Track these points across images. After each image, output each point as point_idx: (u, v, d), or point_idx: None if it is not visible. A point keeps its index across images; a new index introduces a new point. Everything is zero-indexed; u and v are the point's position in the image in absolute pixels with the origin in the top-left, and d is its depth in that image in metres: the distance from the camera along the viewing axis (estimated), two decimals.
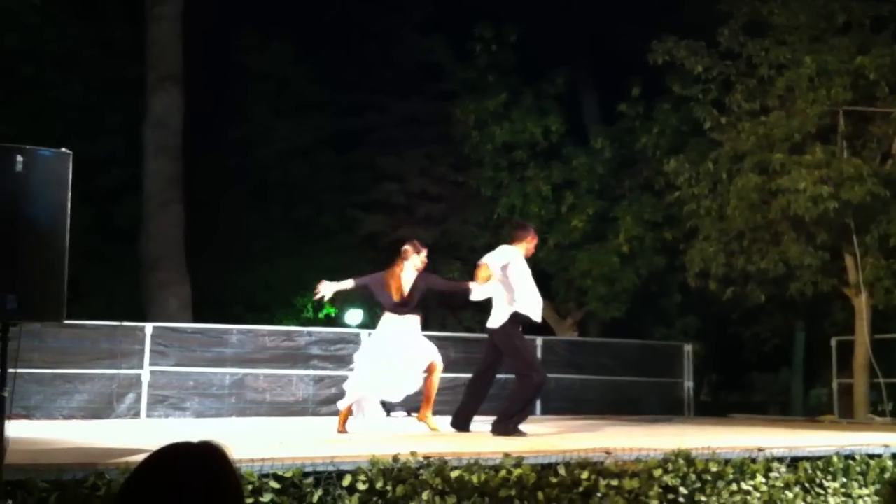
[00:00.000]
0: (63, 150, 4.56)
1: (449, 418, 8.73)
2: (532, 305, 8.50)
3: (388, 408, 12.21)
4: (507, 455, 5.44)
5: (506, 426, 7.88)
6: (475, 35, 17.95)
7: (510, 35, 17.95)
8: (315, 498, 4.84)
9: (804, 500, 6.29)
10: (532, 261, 18.48)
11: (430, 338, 12.98)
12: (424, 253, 8.84)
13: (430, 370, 8.73)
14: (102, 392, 10.87)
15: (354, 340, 12.42)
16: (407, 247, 8.84)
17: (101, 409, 10.77)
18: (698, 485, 5.92)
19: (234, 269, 19.13)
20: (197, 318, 14.68)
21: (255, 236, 19.68)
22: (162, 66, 16.07)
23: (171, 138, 15.96)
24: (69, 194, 4.59)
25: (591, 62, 20.23)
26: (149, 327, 11.38)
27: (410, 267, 8.73)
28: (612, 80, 18.05)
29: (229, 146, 19.32)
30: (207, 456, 1.89)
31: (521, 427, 7.96)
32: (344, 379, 12.12)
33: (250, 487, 4.65)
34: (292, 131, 19.96)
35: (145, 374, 11.07)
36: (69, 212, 4.62)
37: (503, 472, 5.32)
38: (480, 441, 7.06)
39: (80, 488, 4.40)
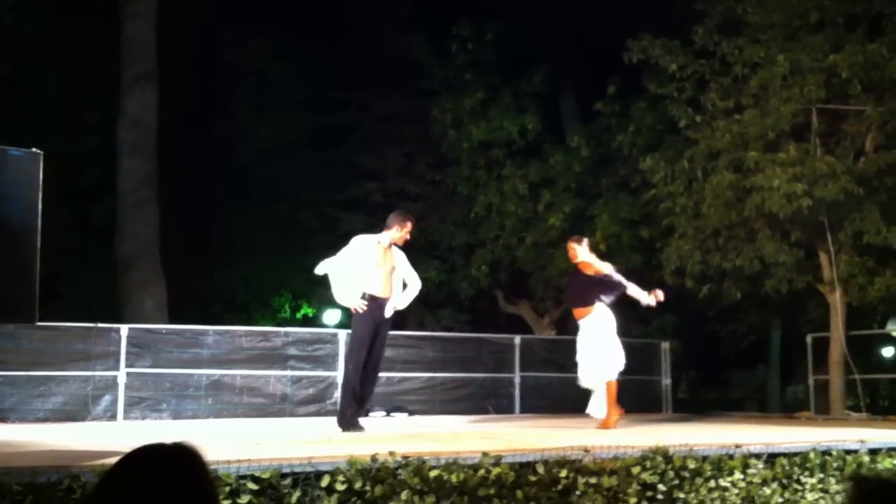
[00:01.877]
0: (34, 150, 4.52)
1: (438, 418, 8.81)
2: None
3: (368, 408, 12.21)
4: (485, 454, 5.44)
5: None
6: (453, 33, 17.95)
7: (488, 33, 17.96)
8: (293, 499, 4.81)
9: (782, 495, 6.32)
10: (510, 259, 18.56)
11: (407, 337, 13.07)
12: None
13: None
14: (78, 394, 10.78)
15: (332, 340, 12.40)
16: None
17: (76, 411, 10.67)
18: (676, 482, 5.93)
19: (213, 267, 19.05)
20: (176, 318, 14.59)
21: (235, 235, 19.61)
22: (137, 65, 15.97)
23: (145, 137, 15.86)
24: (40, 194, 4.55)
25: (569, 60, 20.27)
26: (124, 329, 11.29)
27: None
28: (590, 79, 18.09)
29: (210, 143, 19.21)
30: (181, 457, 1.87)
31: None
32: (322, 379, 12.17)
33: (227, 489, 4.62)
34: (273, 128, 19.91)
35: (121, 375, 10.99)
36: (40, 212, 4.57)
37: (482, 472, 5.31)
38: (459, 440, 7.05)
39: (54, 491, 4.35)
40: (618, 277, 9.30)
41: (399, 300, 8.65)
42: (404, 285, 8.74)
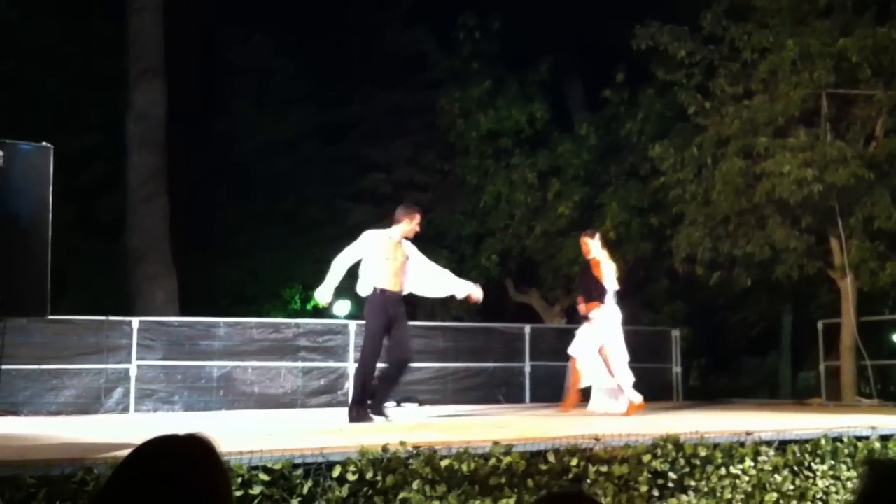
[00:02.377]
0: (44, 144, 4.53)
1: (449, 408, 8.87)
2: None
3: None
4: (496, 443, 5.44)
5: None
6: (459, 23, 17.92)
7: (494, 23, 17.93)
8: (305, 489, 4.83)
9: (793, 482, 6.31)
10: (519, 248, 18.55)
11: (417, 328, 13.08)
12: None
13: None
14: (90, 387, 10.84)
15: (342, 331, 12.43)
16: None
17: (89, 404, 10.74)
18: (687, 469, 5.93)
19: (220, 262, 19.08)
20: (184, 312, 14.64)
21: (241, 229, 19.63)
22: (144, 59, 16.00)
23: (154, 131, 15.89)
24: (50, 188, 4.56)
25: (576, 49, 20.20)
26: (135, 321, 11.34)
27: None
28: (597, 67, 18.03)
29: (214, 139, 19.24)
30: (193, 448, 1.88)
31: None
32: (333, 370, 12.20)
33: (240, 480, 4.64)
34: (277, 124, 19.91)
35: (133, 368, 11.04)
36: (51, 206, 4.59)
37: (493, 461, 5.32)
38: (469, 430, 7.06)
39: (68, 484, 4.37)
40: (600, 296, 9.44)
41: (461, 286, 8.78)
42: (426, 277, 8.75)
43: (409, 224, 8.46)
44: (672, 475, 5.85)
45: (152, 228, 15.66)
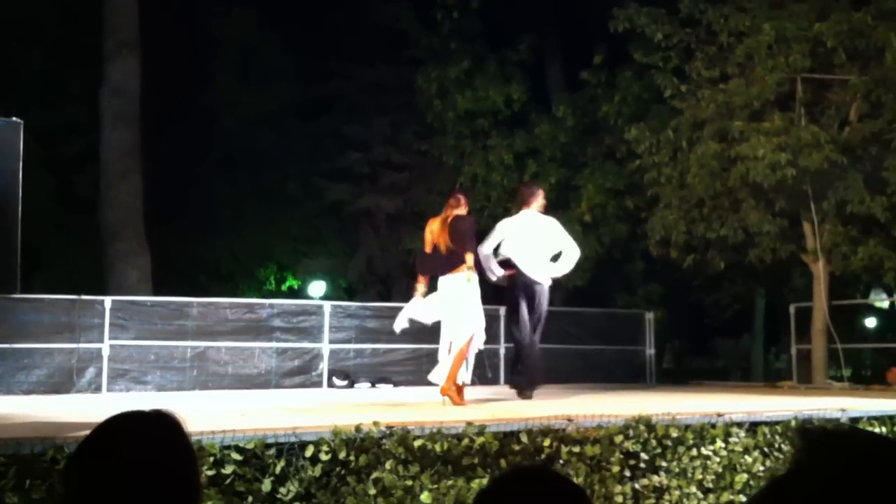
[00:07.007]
0: (14, 119, 4.47)
1: (423, 389, 8.93)
2: None
3: (353, 378, 12.25)
4: (469, 423, 5.46)
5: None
6: (438, 2, 17.81)
7: (473, 2, 17.83)
8: (277, 469, 4.83)
9: (763, 464, 6.37)
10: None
11: (394, 309, 13.03)
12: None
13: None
14: (62, 366, 10.75)
15: (317, 312, 12.38)
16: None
17: (61, 383, 10.65)
18: (659, 450, 5.98)
19: (199, 238, 18.98)
20: (161, 289, 14.54)
21: (220, 205, 19.52)
22: (119, 33, 15.78)
23: (129, 106, 15.69)
24: (20, 164, 4.50)
25: (555, 29, 20.15)
26: (108, 300, 11.24)
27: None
28: (577, 48, 17.99)
29: (195, 114, 19.07)
30: (159, 424, 1.86)
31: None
32: (307, 351, 12.17)
33: (212, 459, 4.63)
34: (258, 99, 19.78)
35: (105, 347, 10.95)
36: (21, 182, 4.53)
37: (466, 441, 5.33)
38: (442, 410, 7.08)
39: (38, 462, 4.35)
40: None
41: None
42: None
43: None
44: (644, 456, 5.89)
45: (126, 205, 15.50)
